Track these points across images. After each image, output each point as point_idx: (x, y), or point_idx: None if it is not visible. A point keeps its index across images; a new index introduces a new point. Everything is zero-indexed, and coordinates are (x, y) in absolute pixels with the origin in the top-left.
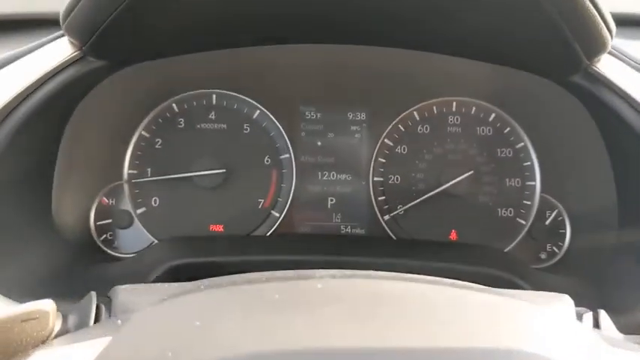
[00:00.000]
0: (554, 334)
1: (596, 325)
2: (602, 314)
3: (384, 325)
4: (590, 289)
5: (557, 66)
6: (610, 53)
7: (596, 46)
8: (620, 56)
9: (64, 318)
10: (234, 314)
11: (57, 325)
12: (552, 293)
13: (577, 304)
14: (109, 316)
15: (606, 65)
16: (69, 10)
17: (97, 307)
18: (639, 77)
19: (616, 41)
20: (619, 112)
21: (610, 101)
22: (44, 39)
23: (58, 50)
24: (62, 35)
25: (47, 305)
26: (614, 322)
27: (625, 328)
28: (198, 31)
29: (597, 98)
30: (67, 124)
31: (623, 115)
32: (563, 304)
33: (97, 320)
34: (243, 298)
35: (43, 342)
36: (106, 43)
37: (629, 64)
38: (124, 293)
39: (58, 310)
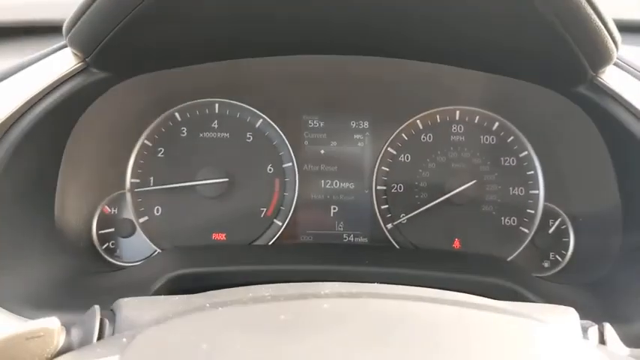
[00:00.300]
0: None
1: (602, 339)
2: (607, 328)
3: (390, 351)
4: (593, 298)
5: (563, 77)
6: (615, 64)
7: (601, 58)
8: (625, 67)
9: (68, 331)
10: (240, 338)
11: (61, 340)
12: (557, 306)
13: (582, 316)
14: (113, 331)
15: (611, 76)
16: (72, 23)
17: (101, 322)
18: None
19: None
20: (623, 122)
21: (614, 112)
22: (47, 49)
23: (62, 62)
24: (65, 46)
25: (52, 323)
26: (619, 333)
27: (630, 341)
28: (201, 44)
29: (602, 109)
30: (70, 134)
31: (628, 126)
32: (568, 318)
33: (100, 335)
34: (249, 320)
35: (48, 359)
36: (109, 55)
37: (633, 75)
38: (128, 307)
39: (61, 323)
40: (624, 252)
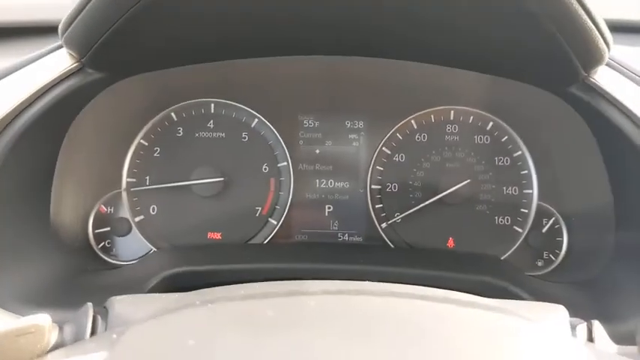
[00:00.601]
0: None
1: (590, 337)
2: (596, 325)
3: (375, 346)
4: (585, 297)
5: (555, 78)
6: (607, 64)
7: (593, 58)
8: (617, 67)
9: (61, 329)
10: (227, 334)
11: (53, 337)
12: (547, 304)
13: (572, 314)
14: (106, 327)
15: (603, 76)
16: (68, 23)
17: (94, 319)
18: (635, 88)
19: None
20: (615, 122)
21: (606, 111)
22: (43, 50)
23: (57, 62)
24: (61, 46)
25: (42, 320)
26: (608, 331)
27: (619, 338)
28: (196, 44)
29: (594, 109)
30: (66, 134)
31: (619, 125)
32: (557, 315)
33: (93, 332)
34: (237, 316)
35: (39, 356)
36: (105, 55)
37: (625, 75)
38: (120, 304)
39: (54, 320)
40: (616, 251)
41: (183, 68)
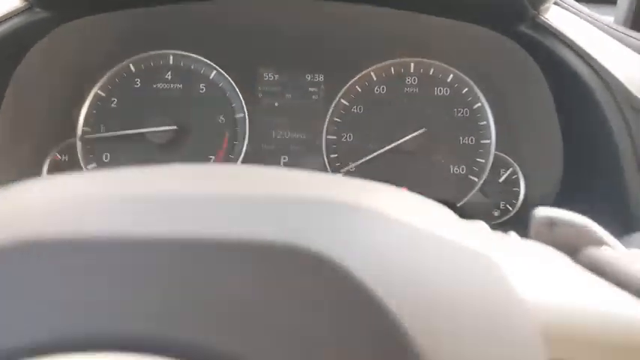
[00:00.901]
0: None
1: None
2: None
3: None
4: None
5: (504, 15)
6: (557, 4)
7: None
8: (570, 8)
9: None
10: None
11: None
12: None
13: None
14: None
15: (554, 15)
16: None
17: None
18: (587, 26)
19: None
20: (565, 60)
21: (557, 50)
22: None
23: (6, 2)
24: None
25: None
26: None
27: None
28: None
29: (545, 47)
30: (11, 78)
31: (569, 63)
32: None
33: None
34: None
35: None
36: None
37: (578, 15)
38: None
39: None
40: (562, 196)
41: (137, 12)
